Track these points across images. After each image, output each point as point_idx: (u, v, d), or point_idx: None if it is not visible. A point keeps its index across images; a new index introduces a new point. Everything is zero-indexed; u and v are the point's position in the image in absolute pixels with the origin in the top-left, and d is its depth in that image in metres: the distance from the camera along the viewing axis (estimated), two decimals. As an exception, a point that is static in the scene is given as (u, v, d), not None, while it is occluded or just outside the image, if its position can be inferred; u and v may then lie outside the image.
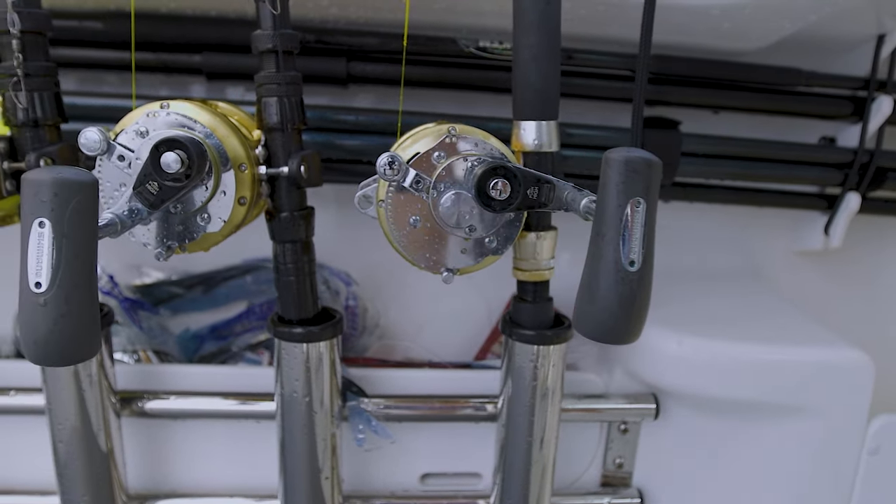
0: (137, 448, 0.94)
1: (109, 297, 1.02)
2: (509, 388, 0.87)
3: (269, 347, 1.08)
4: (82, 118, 0.88)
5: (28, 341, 0.59)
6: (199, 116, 0.72)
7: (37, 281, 0.57)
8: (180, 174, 0.66)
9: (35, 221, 0.57)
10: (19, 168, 0.76)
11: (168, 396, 0.93)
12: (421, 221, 0.73)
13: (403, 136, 0.84)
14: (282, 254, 0.81)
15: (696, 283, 1.10)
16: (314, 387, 0.84)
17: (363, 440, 0.89)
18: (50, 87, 0.77)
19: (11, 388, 0.92)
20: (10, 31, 0.74)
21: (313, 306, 0.83)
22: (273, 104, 0.77)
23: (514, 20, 0.78)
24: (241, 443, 0.96)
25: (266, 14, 0.76)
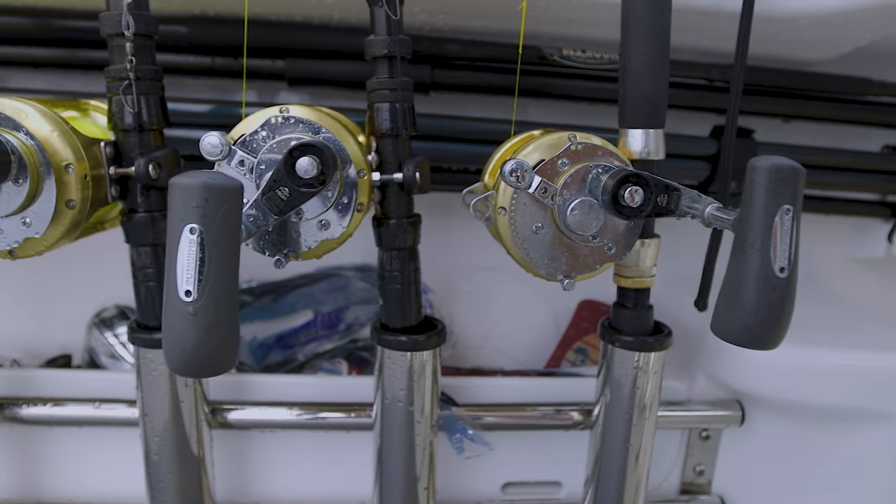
0: (224, 457, 0.92)
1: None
2: (607, 395, 0.86)
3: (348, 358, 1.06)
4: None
5: (174, 351, 0.57)
6: (321, 121, 0.71)
7: (187, 289, 0.56)
8: (314, 179, 0.65)
9: (185, 228, 0.56)
10: (126, 173, 0.74)
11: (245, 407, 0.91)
12: (544, 228, 0.73)
13: (510, 143, 0.84)
14: (388, 261, 0.80)
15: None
16: (416, 395, 0.82)
17: (462, 448, 0.88)
18: (157, 91, 0.76)
19: (96, 400, 0.89)
20: (123, 34, 0.72)
21: (417, 314, 0.82)
22: (385, 110, 0.76)
23: (625, 29, 0.78)
24: (325, 453, 0.95)
25: (381, 19, 0.76)
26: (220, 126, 0.96)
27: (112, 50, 0.74)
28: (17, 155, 0.65)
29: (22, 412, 0.89)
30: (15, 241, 0.69)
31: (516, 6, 0.89)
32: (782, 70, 1.04)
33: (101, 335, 0.98)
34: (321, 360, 1.09)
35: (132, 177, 0.75)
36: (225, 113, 0.97)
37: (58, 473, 0.93)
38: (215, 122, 0.96)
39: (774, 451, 0.98)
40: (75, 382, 0.91)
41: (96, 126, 0.82)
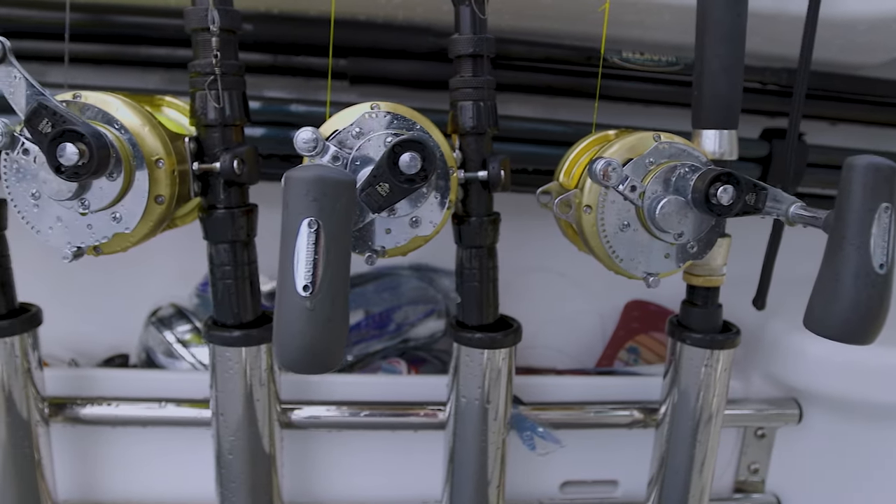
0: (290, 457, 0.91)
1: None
2: (675, 393, 0.87)
3: (402, 357, 1.06)
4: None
5: (290, 347, 0.57)
6: (414, 118, 0.71)
7: (305, 284, 0.56)
8: (416, 175, 0.65)
9: (304, 221, 0.56)
10: (209, 169, 0.74)
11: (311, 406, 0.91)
12: (630, 226, 0.74)
13: (584, 143, 0.85)
14: (468, 259, 0.80)
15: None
16: (492, 394, 0.82)
17: (533, 445, 0.88)
18: (240, 86, 0.75)
19: (161, 399, 0.88)
20: (208, 29, 0.72)
21: (494, 312, 0.83)
22: (469, 108, 0.76)
23: (701, 32, 0.79)
24: (389, 452, 0.94)
25: (467, 18, 0.76)
26: (273, 123, 0.97)
27: (196, 45, 0.73)
28: (114, 149, 0.65)
29: (84, 412, 0.88)
30: (104, 237, 0.69)
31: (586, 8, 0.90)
32: (830, 74, 1.06)
33: (159, 333, 0.97)
34: (372, 360, 1.09)
35: (214, 172, 0.74)
36: (274, 110, 0.97)
37: (118, 474, 0.92)
38: (266, 120, 0.96)
39: (831, 450, 1.00)
40: (139, 382, 0.90)
41: (170, 121, 0.81)
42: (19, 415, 0.81)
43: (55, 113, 0.61)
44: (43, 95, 0.62)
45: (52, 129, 0.61)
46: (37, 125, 0.62)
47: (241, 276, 0.78)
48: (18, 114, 0.62)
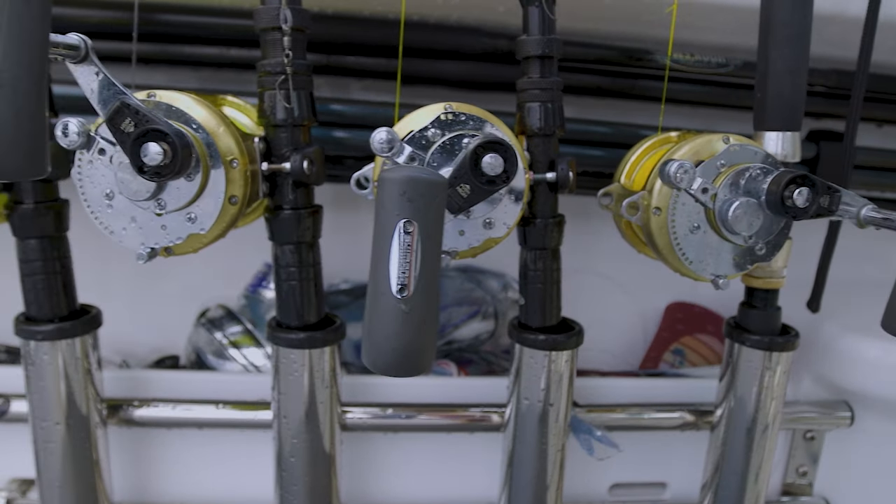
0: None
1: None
2: (732, 396, 0.87)
3: (452, 358, 1.05)
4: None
5: (384, 350, 0.57)
6: (489, 119, 0.71)
7: (401, 286, 0.55)
8: (498, 177, 0.65)
9: (400, 222, 0.55)
10: (278, 169, 0.73)
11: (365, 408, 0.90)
12: (700, 228, 0.74)
13: (645, 145, 0.85)
14: (532, 261, 0.80)
15: (877, 291, 1.12)
16: (553, 397, 0.82)
17: (592, 449, 0.88)
18: (308, 85, 0.75)
19: (218, 401, 0.87)
20: (280, 28, 0.71)
21: (557, 314, 0.82)
22: (537, 109, 0.76)
23: (765, 33, 0.79)
24: (442, 454, 0.94)
25: (536, 19, 0.76)
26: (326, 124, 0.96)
27: (265, 44, 0.73)
28: (193, 149, 0.64)
29: (139, 414, 0.87)
30: (178, 238, 0.68)
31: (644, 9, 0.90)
32: (877, 75, 1.06)
33: (210, 335, 0.96)
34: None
35: (283, 173, 0.74)
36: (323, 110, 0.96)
37: (172, 476, 0.91)
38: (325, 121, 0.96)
39: (882, 454, 1.00)
40: (193, 384, 0.89)
41: (234, 121, 0.81)
42: (81, 416, 0.80)
43: (138, 112, 0.61)
44: (124, 94, 0.61)
45: (135, 128, 0.60)
46: (119, 124, 0.61)
47: (306, 277, 0.77)
48: (99, 113, 0.61)
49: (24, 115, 0.51)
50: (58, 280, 0.78)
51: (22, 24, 0.50)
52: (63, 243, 0.78)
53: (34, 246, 0.76)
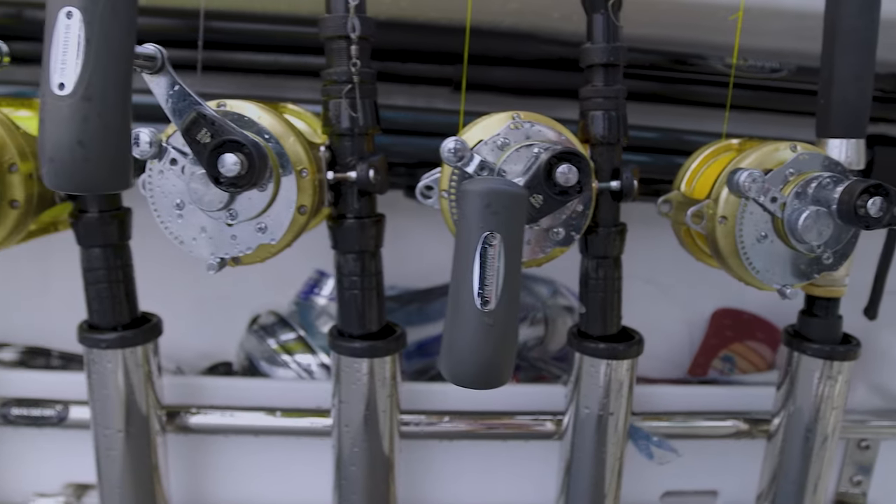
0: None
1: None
2: (791, 405, 0.86)
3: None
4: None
5: (466, 364, 0.56)
6: (558, 128, 0.70)
7: (486, 299, 0.55)
8: (572, 188, 0.64)
9: (484, 235, 0.55)
10: (344, 178, 0.73)
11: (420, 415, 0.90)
12: (767, 237, 0.73)
13: (706, 152, 0.84)
14: (594, 269, 0.79)
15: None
16: (613, 406, 0.82)
17: (651, 454, 0.88)
18: (373, 94, 0.75)
19: (276, 409, 0.87)
20: (347, 37, 0.71)
21: (618, 323, 0.82)
22: (600, 118, 0.76)
23: (830, 40, 0.78)
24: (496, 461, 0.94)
25: (600, 26, 0.75)
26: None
27: (331, 53, 0.73)
28: (269, 159, 0.64)
29: (195, 421, 0.87)
30: (248, 248, 0.68)
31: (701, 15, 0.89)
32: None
33: (263, 341, 0.96)
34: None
35: (348, 181, 0.74)
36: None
37: (229, 483, 0.91)
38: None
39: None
40: (249, 391, 0.90)
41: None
42: (142, 423, 0.80)
43: (214, 123, 0.61)
44: (200, 105, 0.61)
45: (212, 139, 0.60)
46: (195, 135, 0.61)
47: (368, 286, 0.77)
48: (174, 123, 0.61)
49: (112, 128, 0.51)
50: (121, 288, 0.78)
51: (110, 36, 0.50)
52: (126, 252, 0.79)
53: (98, 255, 0.77)
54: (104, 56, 0.50)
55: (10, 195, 0.69)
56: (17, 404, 0.87)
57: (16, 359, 0.98)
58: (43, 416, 0.86)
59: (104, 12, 0.49)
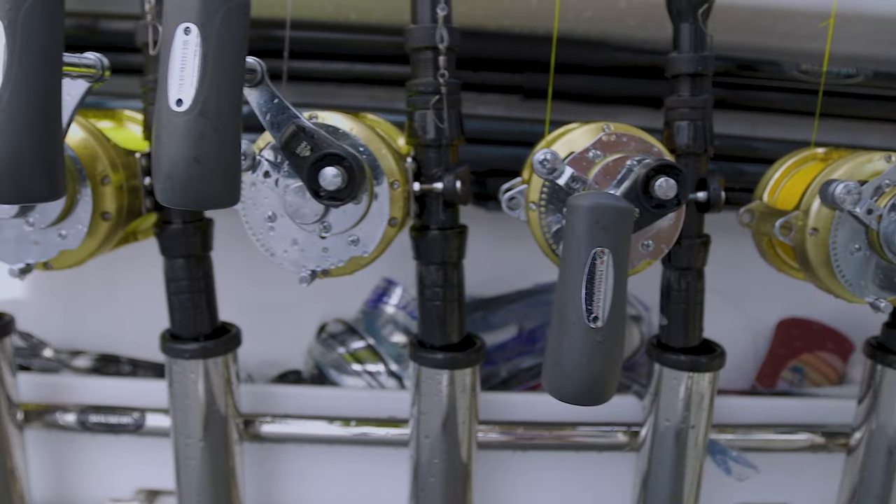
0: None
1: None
2: (874, 420, 0.85)
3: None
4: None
5: (573, 379, 0.56)
6: (648, 139, 0.69)
7: (594, 315, 0.54)
8: (669, 201, 0.63)
9: (593, 251, 0.54)
10: (429, 189, 0.73)
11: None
12: (861, 250, 0.72)
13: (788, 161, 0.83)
14: (676, 280, 0.78)
15: None
16: (694, 419, 0.81)
17: (729, 469, 0.86)
18: (458, 104, 0.74)
19: (350, 418, 0.87)
20: (435, 48, 0.71)
21: (699, 336, 0.81)
22: (686, 128, 0.75)
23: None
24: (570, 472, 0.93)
25: (688, 36, 0.74)
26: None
27: (417, 63, 0.72)
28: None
29: (268, 429, 0.87)
30: (340, 261, 0.68)
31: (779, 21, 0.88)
32: None
33: (332, 350, 0.96)
34: (526, 376, 1.07)
35: (433, 193, 0.73)
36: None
37: (300, 491, 0.92)
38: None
39: None
40: (321, 399, 0.90)
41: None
42: (221, 432, 0.81)
43: (313, 136, 0.61)
44: (298, 118, 0.61)
45: (311, 152, 0.60)
46: (294, 148, 0.61)
47: (450, 298, 0.77)
48: (272, 137, 0.61)
49: (226, 144, 0.51)
50: (202, 299, 0.79)
51: (225, 51, 0.50)
52: (207, 262, 0.79)
53: (181, 265, 0.77)
54: (219, 71, 0.50)
55: (103, 207, 0.69)
56: (95, 411, 0.87)
57: (90, 366, 0.99)
58: (120, 423, 0.87)
59: (221, 28, 0.49)
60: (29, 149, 0.51)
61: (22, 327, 1.03)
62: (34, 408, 0.88)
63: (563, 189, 0.67)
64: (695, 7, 0.73)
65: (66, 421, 0.88)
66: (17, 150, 0.50)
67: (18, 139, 0.50)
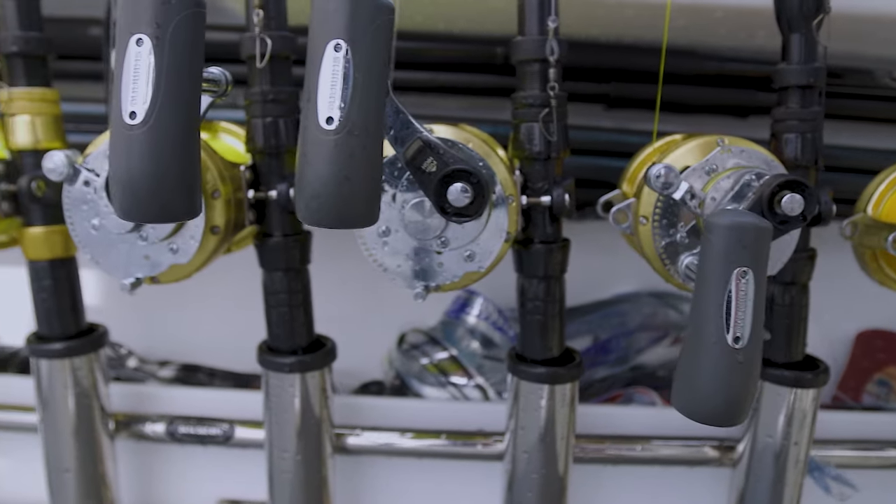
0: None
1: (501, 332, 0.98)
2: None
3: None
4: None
5: (711, 399, 0.55)
6: (766, 153, 0.68)
7: (737, 336, 0.54)
8: (795, 217, 0.62)
9: (736, 270, 0.53)
10: (536, 203, 0.72)
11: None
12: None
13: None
14: (780, 294, 0.77)
15: None
16: (796, 435, 0.79)
17: (828, 487, 0.85)
18: (565, 117, 0.73)
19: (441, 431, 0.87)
20: (545, 60, 0.70)
21: (802, 350, 0.80)
22: (794, 140, 0.74)
23: None
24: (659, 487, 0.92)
25: (798, 46, 0.73)
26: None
27: (525, 75, 0.72)
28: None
29: (356, 441, 0.87)
30: (454, 276, 0.67)
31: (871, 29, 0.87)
32: None
33: (415, 360, 0.96)
34: (600, 387, 1.06)
35: (540, 206, 0.72)
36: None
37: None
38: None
39: None
40: (406, 411, 0.89)
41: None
42: (316, 445, 0.80)
43: (439, 151, 0.60)
44: (423, 132, 0.60)
45: (437, 168, 0.60)
46: (420, 164, 0.60)
47: (552, 312, 0.76)
48: (396, 151, 0.61)
49: (374, 163, 0.50)
50: (301, 312, 0.78)
51: (373, 68, 0.49)
52: (305, 275, 0.79)
53: (280, 278, 0.77)
54: (367, 88, 0.49)
55: (213, 220, 0.69)
56: (184, 422, 0.87)
57: (174, 376, 0.99)
58: (209, 434, 0.87)
59: (370, 44, 0.49)
60: (172, 167, 0.50)
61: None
62: (122, 417, 0.88)
63: (678, 204, 0.66)
64: (807, 17, 0.72)
65: (155, 431, 0.88)
66: (162, 168, 0.50)
67: (164, 157, 0.50)
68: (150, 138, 0.49)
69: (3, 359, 0.98)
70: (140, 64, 0.49)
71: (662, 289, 1.07)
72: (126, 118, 0.49)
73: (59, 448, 0.83)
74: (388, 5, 0.50)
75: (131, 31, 0.49)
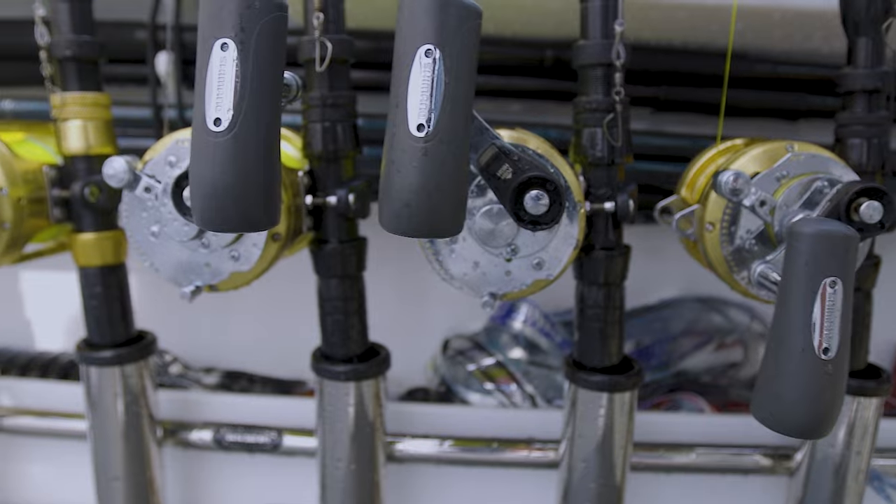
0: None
1: (548, 338, 0.97)
2: None
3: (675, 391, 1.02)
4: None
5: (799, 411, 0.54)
6: (837, 159, 0.67)
7: (826, 346, 0.53)
8: (873, 225, 0.61)
9: (825, 280, 0.52)
10: (599, 209, 0.71)
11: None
12: None
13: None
14: (844, 303, 0.76)
15: None
16: (858, 445, 0.78)
17: (889, 497, 0.84)
18: (628, 122, 0.72)
19: (494, 440, 0.86)
20: (612, 64, 0.69)
21: (865, 359, 0.79)
22: (859, 145, 0.73)
23: None
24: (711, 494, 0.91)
25: (865, 50, 0.72)
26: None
27: (587, 80, 0.71)
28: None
29: (403, 449, 0.86)
30: (523, 284, 0.66)
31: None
32: None
33: (461, 366, 0.95)
34: (642, 392, 1.05)
35: (602, 212, 0.71)
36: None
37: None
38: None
39: None
40: (454, 417, 0.88)
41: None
42: (369, 454, 0.79)
43: (514, 158, 0.59)
44: (498, 139, 0.59)
45: (513, 175, 0.59)
46: (495, 171, 0.59)
47: (612, 319, 0.75)
48: (469, 158, 0.60)
49: (461, 170, 0.49)
50: (356, 319, 0.77)
51: (462, 75, 0.48)
52: (360, 283, 0.78)
53: (336, 285, 0.76)
54: (457, 94, 0.48)
55: (276, 228, 0.68)
56: (231, 430, 0.86)
57: (218, 382, 0.98)
58: (257, 442, 0.86)
59: (460, 49, 0.48)
60: (256, 175, 0.49)
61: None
62: (170, 425, 0.87)
63: (748, 210, 0.65)
64: (875, 21, 0.71)
65: (203, 439, 0.87)
66: (245, 176, 0.49)
67: (248, 165, 0.49)
68: (235, 146, 0.48)
69: (43, 364, 0.97)
70: (225, 69, 0.48)
71: (706, 293, 1.06)
72: (210, 125, 0.48)
73: (108, 455, 0.82)
74: (477, 9, 0.49)
75: (216, 35, 0.48)
